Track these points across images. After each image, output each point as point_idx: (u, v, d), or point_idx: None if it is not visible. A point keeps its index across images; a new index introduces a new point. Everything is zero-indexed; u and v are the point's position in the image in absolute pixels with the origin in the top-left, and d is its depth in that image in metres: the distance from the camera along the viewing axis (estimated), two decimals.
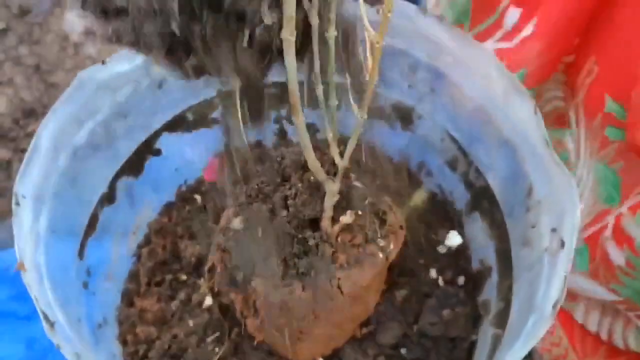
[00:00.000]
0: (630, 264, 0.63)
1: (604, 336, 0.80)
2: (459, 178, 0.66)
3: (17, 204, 0.45)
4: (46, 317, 0.41)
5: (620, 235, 0.62)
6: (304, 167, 0.51)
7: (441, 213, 0.69)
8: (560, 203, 0.46)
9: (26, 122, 1.07)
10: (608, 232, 0.65)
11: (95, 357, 0.44)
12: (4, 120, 1.07)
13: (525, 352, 0.41)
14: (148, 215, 0.68)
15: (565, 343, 0.86)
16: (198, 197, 0.70)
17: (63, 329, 0.43)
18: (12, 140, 1.04)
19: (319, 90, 0.38)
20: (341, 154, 0.45)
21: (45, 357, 0.82)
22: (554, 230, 0.47)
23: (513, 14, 0.63)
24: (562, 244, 0.45)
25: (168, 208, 0.70)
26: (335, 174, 0.48)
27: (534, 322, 0.43)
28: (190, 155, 0.69)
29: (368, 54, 0.35)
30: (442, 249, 0.67)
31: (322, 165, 0.47)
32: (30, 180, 0.47)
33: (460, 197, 0.67)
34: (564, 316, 0.85)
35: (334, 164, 0.48)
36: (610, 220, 0.64)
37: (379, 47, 0.33)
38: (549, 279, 0.45)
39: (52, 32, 1.22)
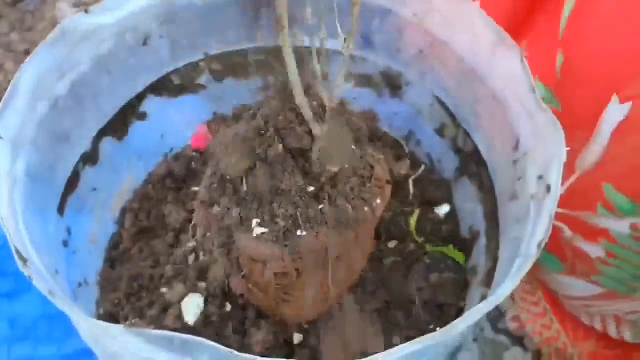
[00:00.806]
0: (610, 253, 0.62)
1: (598, 328, 0.79)
2: (447, 144, 0.65)
3: None
4: (18, 252, 0.39)
5: (590, 231, 0.61)
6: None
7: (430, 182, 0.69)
8: (547, 149, 0.46)
9: None
10: (567, 233, 0.64)
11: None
12: None
13: (508, 292, 0.40)
14: (132, 181, 0.68)
15: (556, 326, 0.85)
16: (184, 165, 0.69)
17: (37, 267, 0.41)
18: None
19: (307, 12, 0.37)
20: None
21: (28, 336, 0.81)
22: (540, 177, 0.46)
23: None
24: (548, 189, 0.44)
25: (153, 175, 0.69)
26: (322, 119, 0.47)
27: (519, 264, 0.42)
28: (176, 122, 0.69)
29: None
30: (431, 217, 0.66)
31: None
32: (8, 122, 0.47)
33: (448, 164, 0.66)
34: (555, 300, 0.85)
35: (322, 108, 0.47)
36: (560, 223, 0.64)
37: None
38: (535, 223, 0.44)
39: (45, 20, 1.21)
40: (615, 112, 0.51)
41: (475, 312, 0.38)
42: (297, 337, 0.58)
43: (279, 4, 0.34)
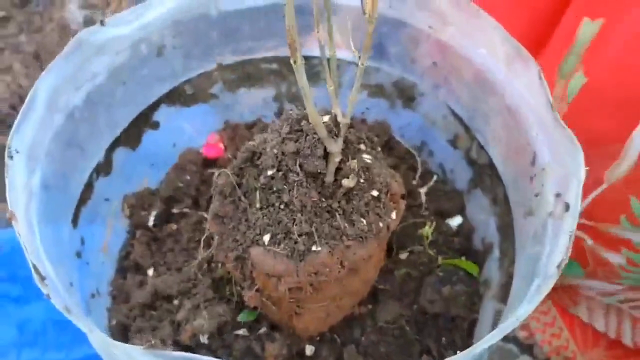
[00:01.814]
0: (631, 261, 0.62)
1: (612, 335, 0.79)
2: (461, 155, 0.65)
3: (11, 157, 0.44)
4: (36, 269, 0.39)
5: (613, 241, 0.62)
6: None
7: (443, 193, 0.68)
8: (565, 167, 0.46)
9: None
10: (589, 242, 0.65)
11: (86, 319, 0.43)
12: (2, 106, 1.06)
13: (528, 313, 0.39)
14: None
15: (566, 334, 0.85)
16: (195, 173, 0.69)
17: (54, 284, 0.41)
18: (9, 127, 1.03)
19: (319, 34, 0.37)
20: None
21: (37, 341, 0.81)
22: (558, 195, 0.46)
23: None
24: (567, 207, 0.44)
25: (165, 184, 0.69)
26: (337, 135, 0.47)
27: (538, 285, 0.42)
28: (188, 131, 0.69)
29: None
30: (443, 228, 0.66)
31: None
32: (25, 135, 0.47)
33: (461, 175, 0.66)
34: (565, 309, 0.85)
35: (336, 125, 0.47)
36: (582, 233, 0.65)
37: None
38: (553, 242, 0.44)
39: (53, 21, 1.21)
40: None
41: (495, 335, 0.38)
42: (309, 349, 0.58)
43: (289, 32, 0.34)
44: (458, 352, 0.39)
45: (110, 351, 0.42)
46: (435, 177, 0.69)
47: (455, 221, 0.66)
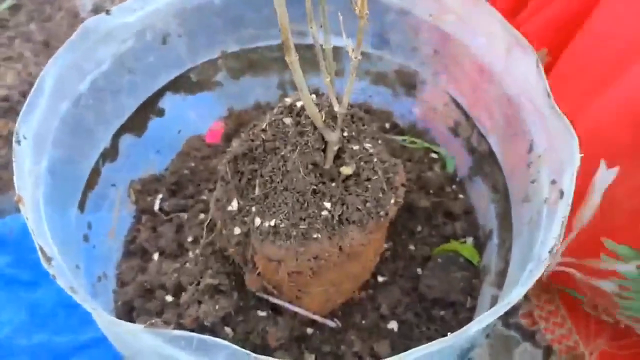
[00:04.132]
0: (624, 287, 0.64)
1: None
2: (461, 143, 0.65)
3: (18, 142, 0.46)
4: (43, 251, 0.41)
5: (600, 273, 0.63)
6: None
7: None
8: (560, 154, 0.46)
9: None
10: (579, 275, 0.66)
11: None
12: (12, 94, 1.07)
13: (520, 296, 0.40)
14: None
15: (569, 324, 0.86)
16: (200, 160, 0.70)
17: (60, 265, 0.43)
18: (19, 114, 1.05)
19: (313, 29, 0.38)
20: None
21: (47, 324, 0.82)
22: (553, 182, 0.47)
23: None
24: (562, 194, 0.45)
25: (170, 170, 0.70)
26: (334, 124, 0.48)
27: (530, 269, 0.43)
28: (193, 118, 0.70)
29: None
30: (444, 214, 0.67)
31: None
32: (32, 121, 0.48)
33: (462, 163, 0.67)
34: (568, 298, 0.85)
35: (334, 117, 0.48)
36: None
37: None
38: (547, 228, 0.44)
39: (63, 10, 1.23)
40: (604, 178, 0.55)
41: (487, 316, 0.38)
42: (309, 332, 0.59)
43: (283, 30, 0.34)
44: None
45: (114, 330, 0.43)
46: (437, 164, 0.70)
47: (457, 208, 0.67)
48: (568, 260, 0.65)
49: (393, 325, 0.60)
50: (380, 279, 0.62)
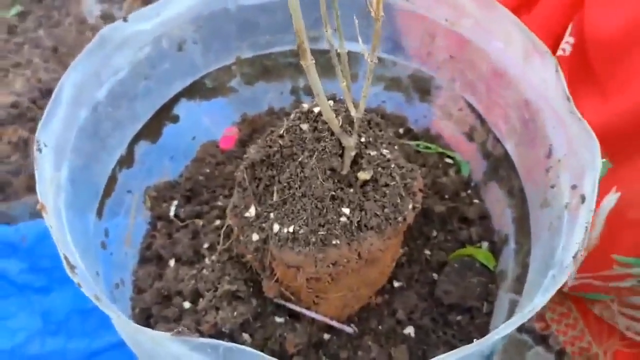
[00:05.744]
0: None
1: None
2: (476, 148, 0.65)
3: (39, 150, 0.46)
4: (66, 259, 0.41)
5: (616, 277, 0.66)
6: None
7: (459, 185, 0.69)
8: (581, 158, 0.46)
9: (43, 103, 1.07)
10: (597, 283, 0.69)
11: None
12: (22, 100, 1.07)
13: (543, 303, 0.40)
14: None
15: (581, 325, 0.85)
16: (214, 166, 0.70)
17: (83, 273, 0.43)
18: (29, 120, 1.04)
19: (328, 33, 0.38)
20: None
21: (60, 330, 0.83)
22: (574, 187, 0.47)
23: None
24: (583, 199, 0.45)
25: (185, 176, 0.70)
26: (351, 129, 0.48)
27: (553, 275, 0.43)
28: (207, 124, 0.70)
29: None
30: (460, 219, 0.67)
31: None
32: (52, 129, 0.48)
33: (477, 168, 0.67)
34: (581, 305, 0.85)
35: (351, 123, 0.48)
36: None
37: None
38: (569, 233, 0.44)
39: (71, 16, 1.23)
40: (608, 202, 0.59)
41: (511, 323, 0.38)
42: (327, 338, 0.59)
43: (299, 34, 0.34)
44: (475, 340, 0.40)
45: (136, 338, 0.43)
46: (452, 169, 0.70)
47: (473, 212, 0.67)
48: (584, 275, 0.67)
49: (410, 330, 0.59)
50: (396, 284, 0.62)
